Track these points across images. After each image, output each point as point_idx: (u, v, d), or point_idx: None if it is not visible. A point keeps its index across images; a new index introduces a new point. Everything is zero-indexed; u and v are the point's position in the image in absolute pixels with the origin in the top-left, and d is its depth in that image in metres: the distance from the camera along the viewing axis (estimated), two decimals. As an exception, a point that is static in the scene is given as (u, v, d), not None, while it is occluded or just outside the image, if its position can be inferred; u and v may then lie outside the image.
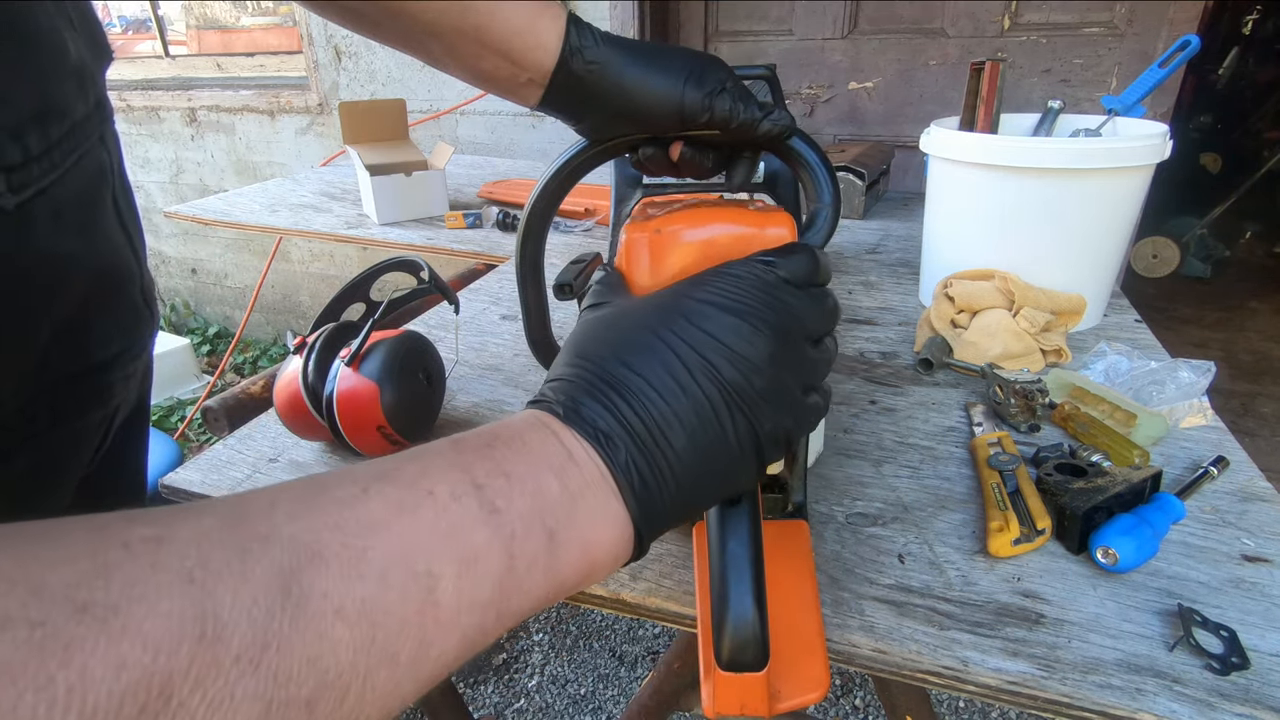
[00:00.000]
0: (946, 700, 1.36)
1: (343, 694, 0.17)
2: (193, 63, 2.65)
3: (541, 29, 0.40)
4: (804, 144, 0.44)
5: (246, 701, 0.16)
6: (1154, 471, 0.51)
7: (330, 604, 0.17)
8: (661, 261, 0.35)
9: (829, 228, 0.43)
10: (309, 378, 0.57)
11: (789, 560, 0.44)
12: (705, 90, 0.41)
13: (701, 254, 0.35)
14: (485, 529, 0.21)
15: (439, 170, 1.38)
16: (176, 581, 0.16)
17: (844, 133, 1.75)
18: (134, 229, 0.44)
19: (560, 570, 0.23)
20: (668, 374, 0.26)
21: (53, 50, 0.34)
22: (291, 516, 0.19)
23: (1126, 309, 0.89)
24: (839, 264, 1.09)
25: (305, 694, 0.17)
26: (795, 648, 0.38)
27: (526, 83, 0.42)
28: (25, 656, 0.13)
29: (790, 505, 0.48)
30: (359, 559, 0.18)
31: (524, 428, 0.25)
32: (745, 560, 0.31)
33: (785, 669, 0.36)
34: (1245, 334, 2.75)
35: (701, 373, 0.27)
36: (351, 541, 0.19)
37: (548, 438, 0.25)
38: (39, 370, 0.37)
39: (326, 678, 0.17)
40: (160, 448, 1.34)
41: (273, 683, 0.16)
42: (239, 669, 0.16)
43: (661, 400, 0.26)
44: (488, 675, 1.46)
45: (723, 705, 0.32)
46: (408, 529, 0.20)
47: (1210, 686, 0.39)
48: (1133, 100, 0.89)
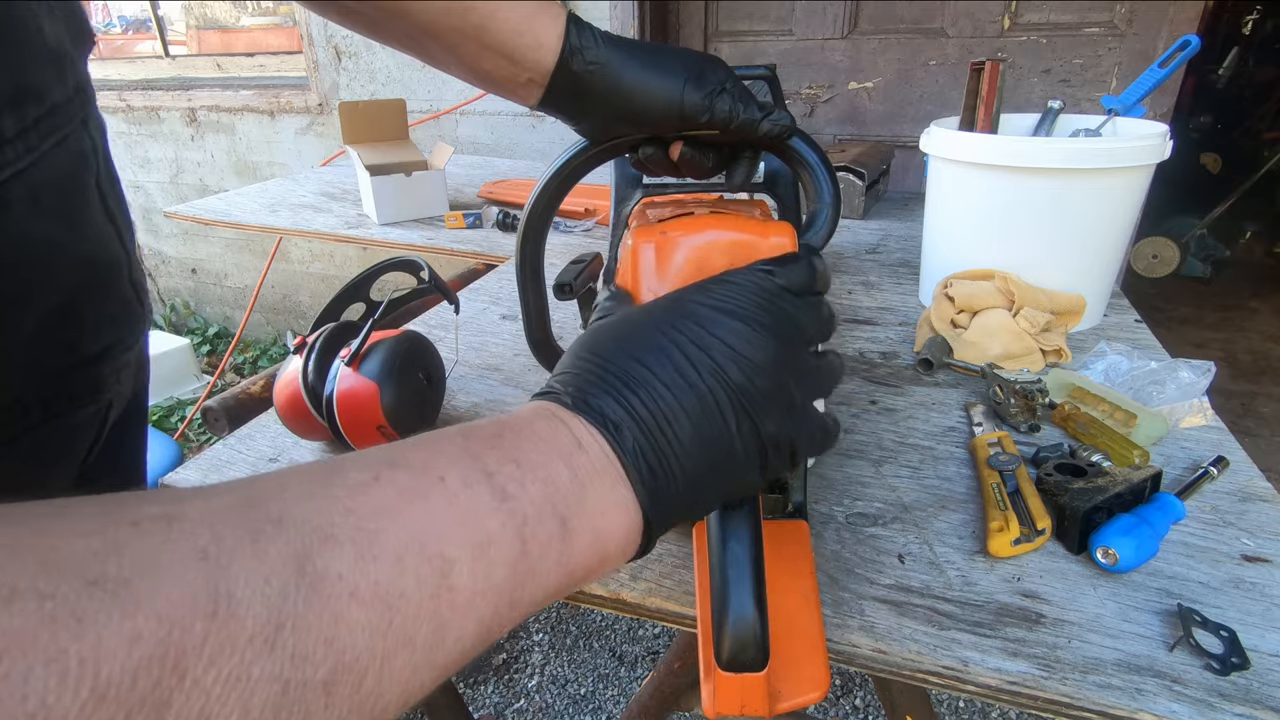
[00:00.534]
0: (946, 700, 1.36)
1: (360, 677, 0.17)
2: (193, 63, 2.65)
3: (541, 29, 0.40)
4: (804, 144, 0.44)
5: (264, 681, 0.15)
6: (1154, 471, 0.51)
7: (345, 586, 0.17)
8: (666, 264, 0.36)
9: (829, 228, 0.44)
10: (309, 378, 0.57)
11: (789, 560, 0.44)
12: (705, 91, 0.41)
13: (705, 258, 0.36)
14: (498, 515, 0.21)
15: (439, 170, 1.38)
16: (189, 558, 0.15)
17: (844, 133, 1.74)
18: (121, 219, 0.43)
19: (572, 557, 0.23)
20: (674, 369, 0.27)
21: (27, 33, 0.33)
22: (303, 498, 0.19)
23: (1126, 309, 0.89)
24: (839, 264, 1.09)
25: (322, 675, 0.16)
26: (795, 648, 0.38)
27: (526, 83, 0.42)
28: (35, 627, 0.13)
29: (790, 505, 0.48)
30: (373, 542, 0.18)
31: (533, 417, 0.26)
32: (746, 561, 0.31)
33: (785, 669, 0.36)
34: (1245, 334, 2.75)
35: (707, 370, 0.27)
36: (365, 525, 0.19)
37: (557, 426, 0.25)
38: (29, 363, 0.36)
39: (343, 659, 0.17)
40: (160, 448, 1.34)
41: (289, 663, 0.16)
42: (254, 648, 0.15)
43: (668, 392, 0.26)
44: (488, 675, 1.46)
45: (723, 705, 0.32)
46: (420, 514, 0.20)
47: (1210, 686, 0.39)
48: (1133, 100, 0.89)
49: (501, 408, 0.69)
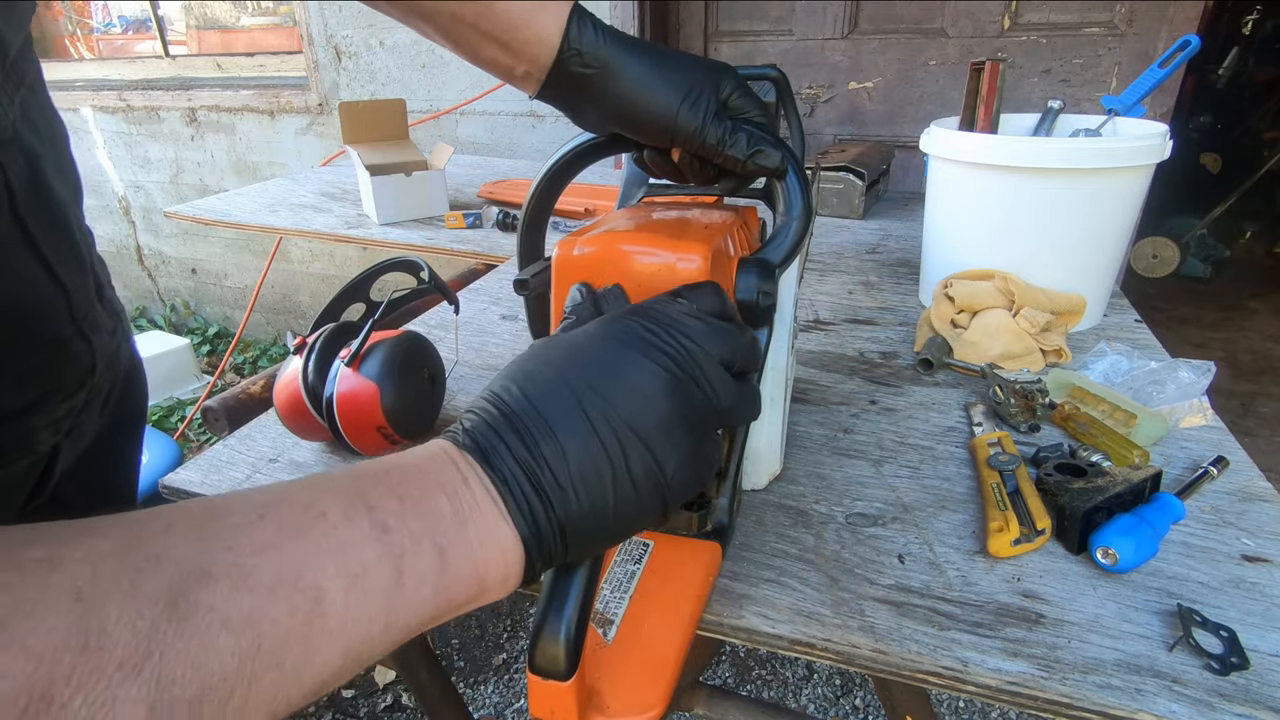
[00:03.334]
0: (946, 700, 1.36)
1: (228, 695, 0.19)
2: (193, 63, 2.65)
3: (541, 24, 0.39)
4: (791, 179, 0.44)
5: (129, 704, 0.17)
6: (1154, 471, 0.51)
7: (217, 616, 0.19)
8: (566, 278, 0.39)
9: (793, 241, 0.43)
10: (309, 378, 0.57)
11: (680, 581, 0.43)
12: (701, 112, 0.40)
13: (608, 274, 0.38)
14: (375, 546, 0.23)
15: (439, 170, 1.38)
16: (64, 599, 0.17)
17: (844, 133, 1.74)
18: (57, 252, 0.38)
19: (450, 587, 0.25)
20: (565, 409, 0.27)
21: None
22: (185, 539, 0.20)
23: (1126, 309, 0.89)
24: (839, 264, 1.09)
25: (190, 695, 0.18)
26: (643, 666, 0.37)
27: (524, 75, 0.42)
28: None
29: (709, 525, 0.46)
30: (248, 575, 0.20)
31: (423, 456, 0.27)
32: (576, 576, 0.31)
33: (621, 686, 0.36)
34: (1245, 334, 2.75)
35: (598, 411, 0.27)
36: (242, 561, 0.20)
37: (445, 464, 0.26)
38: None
39: (210, 681, 0.18)
40: (160, 448, 1.34)
41: (155, 686, 0.17)
42: (121, 674, 0.17)
43: (552, 434, 0.27)
44: (488, 675, 1.46)
45: (534, 707, 0.32)
46: (299, 548, 0.21)
47: (1210, 686, 0.39)
48: (1133, 100, 0.89)
49: (501, 408, 0.69)
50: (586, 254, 0.39)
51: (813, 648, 0.43)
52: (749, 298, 0.41)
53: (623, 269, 0.38)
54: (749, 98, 0.43)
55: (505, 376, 0.29)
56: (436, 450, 0.27)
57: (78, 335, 0.40)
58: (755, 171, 0.42)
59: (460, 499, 0.25)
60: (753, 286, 0.41)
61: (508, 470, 0.26)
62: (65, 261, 0.39)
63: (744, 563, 0.49)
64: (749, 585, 0.47)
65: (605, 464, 0.27)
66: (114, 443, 0.47)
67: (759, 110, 0.43)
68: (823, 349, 0.80)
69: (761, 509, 0.54)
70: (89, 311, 0.41)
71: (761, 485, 0.56)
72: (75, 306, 0.40)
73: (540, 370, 0.29)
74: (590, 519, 0.27)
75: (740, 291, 0.41)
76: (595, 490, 0.27)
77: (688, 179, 0.47)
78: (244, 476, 0.59)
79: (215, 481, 0.58)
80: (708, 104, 0.40)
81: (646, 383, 0.28)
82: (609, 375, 0.28)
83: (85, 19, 2.90)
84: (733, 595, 0.46)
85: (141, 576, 0.18)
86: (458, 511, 0.25)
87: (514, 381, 0.28)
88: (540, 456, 0.26)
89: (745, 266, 0.42)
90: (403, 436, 0.57)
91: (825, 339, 0.83)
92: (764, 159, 0.41)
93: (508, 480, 0.26)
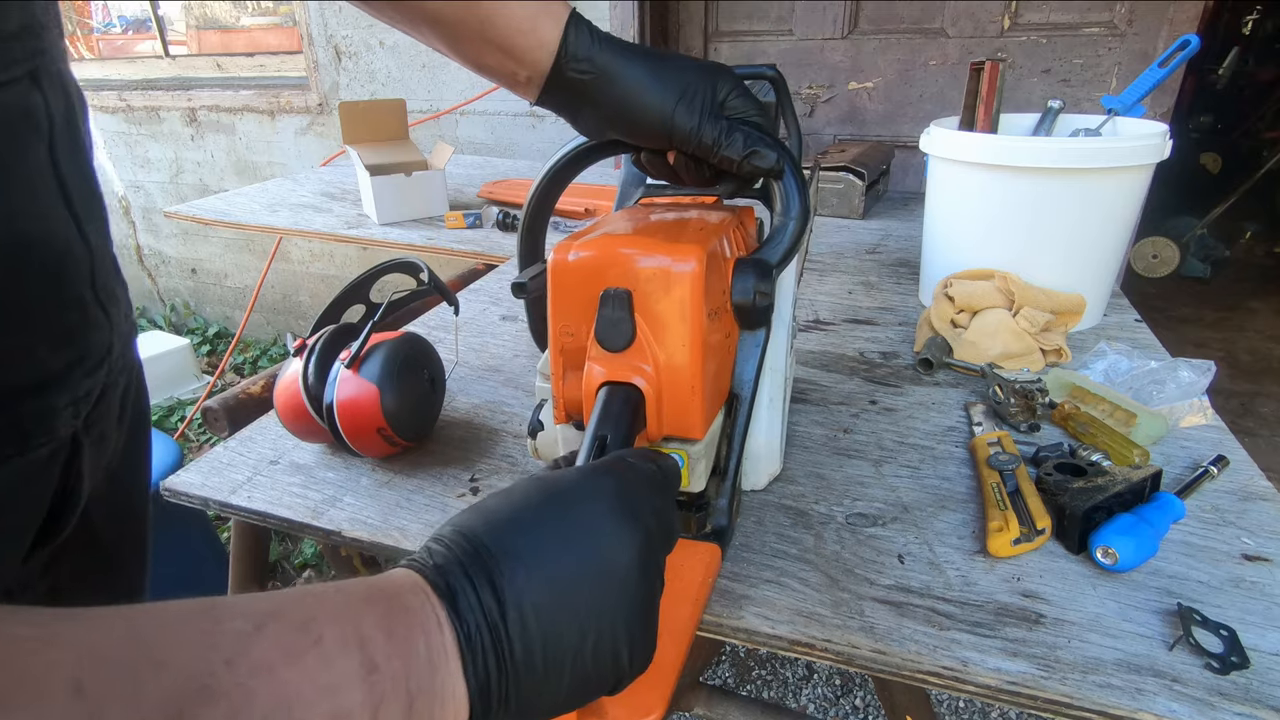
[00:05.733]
0: (946, 700, 1.36)
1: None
2: (193, 63, 2.65)
3: (543, 29, 0.40)
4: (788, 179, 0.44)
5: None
6: (1154, 471, 0.51)
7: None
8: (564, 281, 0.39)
9: (790, 242, 0.43)
10: (309, 381, 0.56)
11: (677, 583, 0.43)
12: (696, 114, 0.40)
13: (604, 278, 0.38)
14: (361, 689, 0.22)
15: (439, 170, 1.38)
16: (64, 691, 0.16)
17: (844, 133, 1.74)
18: (85, 206, 0.36)
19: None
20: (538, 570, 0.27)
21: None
22: (187, 643, 0.19)
23: (1126, 309, 0.89)
24: (839, 264, 1.09)
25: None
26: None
27: (525, 81, 0.42)
28: None
29: (709, 526, 0.46)
30: (247, 700, 0.19)
31: (404, 587, 0.26)
32: None
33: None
34: (1245, 334, 2.75)
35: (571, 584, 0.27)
36: (242, 681, 0.20)
37: (424, 601, 0.25)
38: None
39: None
40: (160, 448, 1.34)
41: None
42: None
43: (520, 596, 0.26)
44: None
45: None
46: (294, 676, 0.21)
47: (1210, 686, 0.39)
48: (1133, 100, 0.89)
49: (501, 408, 0.69)
50: (582, 258, 0.39)
51: (812, 648, 0.43)
52: (745, 299, 0.41)
53: (619, 273, 0.38)
54: (746, 98, 0.43)
55: (481, 510, 0.29)
56: (411, 583, 0.26)
57: (97, 303, 0.37)
58: (751, 172, 0.42)
59: (433, 644, 0.24)
60: (749, 287, 0.41)
61: (473, 624, 0.25)
62: (92, 219, 0.37)
63: (744, 563, 0.49)
64: (749, 586, 0.47)
65: (570, 642, 0.27)
66: (133, 456, 0.46)
67: (756, 111, 0.43)
68: (823, 349, 0.80)
69: (761, 509, 0.54)
70: (108, 281, 0.38)
71: (761, 485, 0.56)
72: (97, 272, 0.37)
73: (519, 515, 0.28)
74: (542, 693, 0.27)
75: (737, 293, 0.41)
76: (553, 667, 0.26)
77: (685, 181, 0.47)
78: (244, 479, 0.59)
79: (216, 484, 0.58)
80: (704, 105, 0.41)
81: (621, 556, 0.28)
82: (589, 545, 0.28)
83: (85, 19, 2.90)
84: (732, 596, 0.46)
85: (142, 681, 0.18)
86: (431, 659, 0.24)
87: (485, 522, 0.28)
88: (504, 618, 0.26)
89: (742, 267, 0.42)
90: (403, 439, 0.57)
91: (825, 339, 0.83)
92: (759, 159, 0.41)
93: (470, 636, 0.25)
